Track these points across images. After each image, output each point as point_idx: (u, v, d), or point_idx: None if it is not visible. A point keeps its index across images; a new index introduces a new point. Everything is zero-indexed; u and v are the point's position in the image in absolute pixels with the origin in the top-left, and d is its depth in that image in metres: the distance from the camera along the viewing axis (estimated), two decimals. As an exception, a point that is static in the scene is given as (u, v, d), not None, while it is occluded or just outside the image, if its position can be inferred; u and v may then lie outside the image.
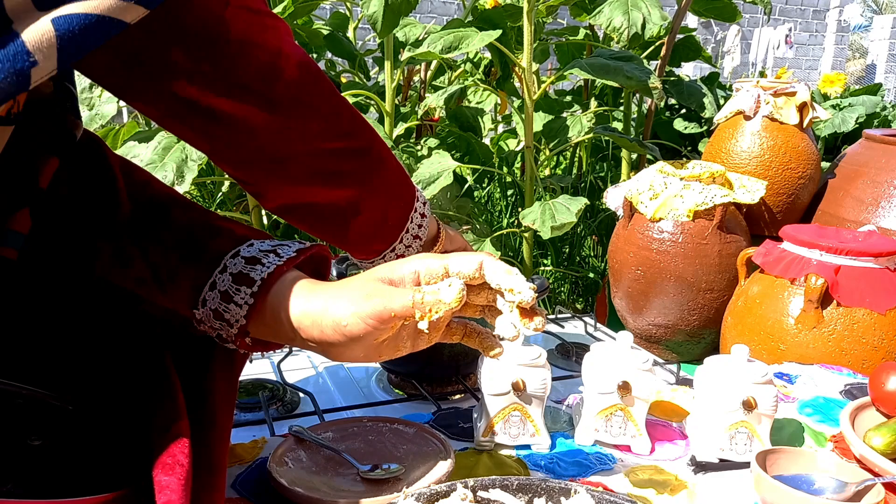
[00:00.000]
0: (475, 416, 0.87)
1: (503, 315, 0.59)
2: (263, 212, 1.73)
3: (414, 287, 0.56)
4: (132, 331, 0.60)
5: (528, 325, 0.57)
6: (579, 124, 1.94)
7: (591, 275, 2.16)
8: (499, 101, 2.37)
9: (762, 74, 4.17)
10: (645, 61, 1.74)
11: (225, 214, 1.03)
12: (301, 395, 0.98)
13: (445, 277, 0.58)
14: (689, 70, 6.07)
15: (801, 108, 1.45)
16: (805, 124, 1.45)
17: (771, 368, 0.89)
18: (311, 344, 0.58)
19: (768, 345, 1.13)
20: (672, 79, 2.02)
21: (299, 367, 1.12)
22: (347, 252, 0.82)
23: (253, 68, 0.62)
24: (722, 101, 2.05)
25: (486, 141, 2.42)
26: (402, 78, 2.07)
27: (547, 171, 2.51)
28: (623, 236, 1.39)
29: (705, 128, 2.29)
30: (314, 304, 0.56)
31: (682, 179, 1.33)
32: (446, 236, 0.87)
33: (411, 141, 2.25)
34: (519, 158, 2.39)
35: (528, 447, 0.83)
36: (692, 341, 1.37)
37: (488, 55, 2.16)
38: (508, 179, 2.39)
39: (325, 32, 2.03)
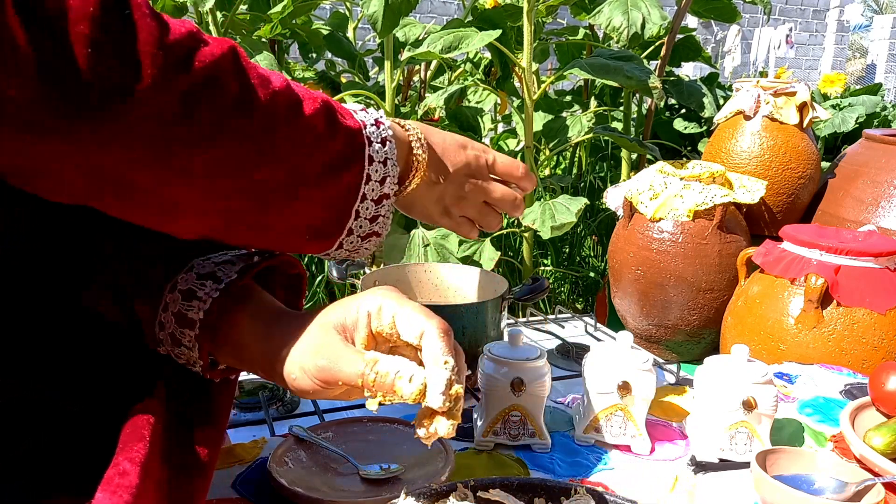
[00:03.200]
0: (475, 416, 0.87)
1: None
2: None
3: (365, 356, 0.50)
4: (132, 330, 0.60)
5: (428, 426, 0.49)
6: (579, 124, 1.94)
7: (592, 275, 2.16)
8: (499, 101, 2.37)
9: (762, 74, 4.17)
10: (645, 61, 1.74)
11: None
12: (301, 395, 0.98)
13: (392, 330, 0.51)
14: (689, 70, 6.07)
15: (801, 108, 1.45)
16: (805, 124, 1.45)
17: (771, 368, 0.89)
18: None
19: (768, 345, 1.13)
20: (672, 79, 2.02)
21: (299, 367, 1.12)
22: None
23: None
24: (722, 101, 2.05)
25: (486, 141, 2.41)
26: (401, 78, 2.07)
27: (547, 171, 2.51)
28: (623, 236, 1.39)
29: (705, 128, 2.29)
30: (266, 349, 0.53)
31: (682, 179, 1.33)
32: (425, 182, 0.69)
33: (411, 141, 2.24)
34: (519, 158, 2.39)
35: (528, 447, 0.83)
36: (692, 341, 1.37)
37: (488, 55, 2.16)
38: (508, 179, 2.38)
39: (325, 32, 2.03)
